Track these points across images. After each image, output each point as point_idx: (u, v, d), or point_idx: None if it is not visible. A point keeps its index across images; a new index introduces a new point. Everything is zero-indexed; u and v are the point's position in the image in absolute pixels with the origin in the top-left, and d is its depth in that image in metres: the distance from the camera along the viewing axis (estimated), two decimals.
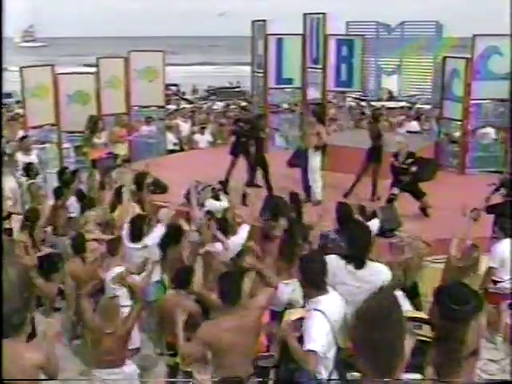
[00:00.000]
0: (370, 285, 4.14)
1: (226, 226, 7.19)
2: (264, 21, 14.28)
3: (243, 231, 7.03)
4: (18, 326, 3.15)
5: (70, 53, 77.73)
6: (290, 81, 14.31)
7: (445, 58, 12.56)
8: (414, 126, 17.05)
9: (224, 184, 9.25)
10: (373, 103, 16.97)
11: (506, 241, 6.42)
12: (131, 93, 13.77)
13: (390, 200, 9.19)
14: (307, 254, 5.28)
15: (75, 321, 6.66)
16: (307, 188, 10.27)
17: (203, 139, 15.62)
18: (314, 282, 4.21)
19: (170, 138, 15.24)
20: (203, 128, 15.82)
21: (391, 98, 19.16)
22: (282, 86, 14.38)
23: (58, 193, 8.39)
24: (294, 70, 14.18)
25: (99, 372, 5.14)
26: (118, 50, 24.41)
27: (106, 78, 13.41)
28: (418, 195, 9.46)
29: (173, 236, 6.76)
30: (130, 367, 5.28)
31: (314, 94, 13.51)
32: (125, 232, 6.78)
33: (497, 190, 7.81)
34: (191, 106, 21.80)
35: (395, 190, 9.33)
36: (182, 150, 15.73)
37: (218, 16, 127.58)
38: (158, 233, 6.77)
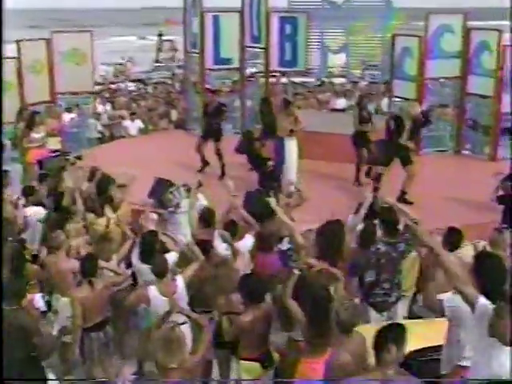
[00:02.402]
0: None
1: (234, 230, 6.58)
2: None
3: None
4: None
5: None
6: (228, 60, 13.45)
7: (394, 36, 12.21)
8: (341, 103, 16.83)
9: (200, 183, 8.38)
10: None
11: None
12: (56, 78, 12.42)
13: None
14: None
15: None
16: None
17: (133, 126, 14.46)
18: None
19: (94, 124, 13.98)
20: (133, 114, 14.63)
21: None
22: (220, 67, 13.54)
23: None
24: (232, 49, 13.34)
25: None
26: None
27: (27, 63, 11.97)
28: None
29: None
30: None
31: None
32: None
33: (506, 179, 7.58)
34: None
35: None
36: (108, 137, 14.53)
37: None
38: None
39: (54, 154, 9.58)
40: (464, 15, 11.85)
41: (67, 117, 13.13)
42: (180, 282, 5.51)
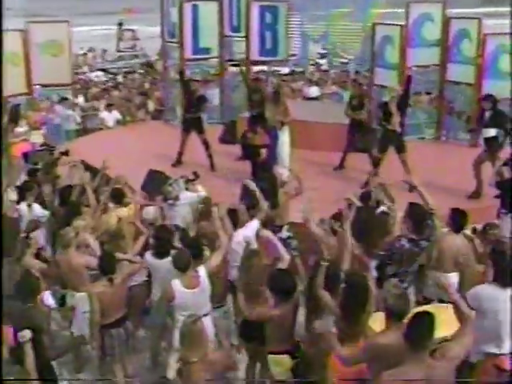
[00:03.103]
0: None
1: (234, 218, 6.57)
2: None
3: (253, 224, 6.44)
4: None
5: None
6: (207, 50, 13.36)
7: (374, 24, 12.30)
8: (314, 91, 16.90)
9: (197, 174, 8.33)
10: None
11: None
12: (33, 70, 12.14)
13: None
14: None
15: None
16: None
17: (111, 117, 14.22)
18: None
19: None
20: (110, 105, 14.38)
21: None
22: (200, 57, 13.42)
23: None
24: (211, 38, 13.24)
25: None
26: None
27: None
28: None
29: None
30: None
31: None
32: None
33: (505, 164, 7.75)
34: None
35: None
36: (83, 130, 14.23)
37: None
38: None
39: (40, 148, 9.35)
40: (443, 4, 12.02)
41: (60, 109, 12.85)
42: (203, 273, 5.47)
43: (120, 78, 19.43)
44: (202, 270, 5.49)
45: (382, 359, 3.88)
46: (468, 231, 6.55)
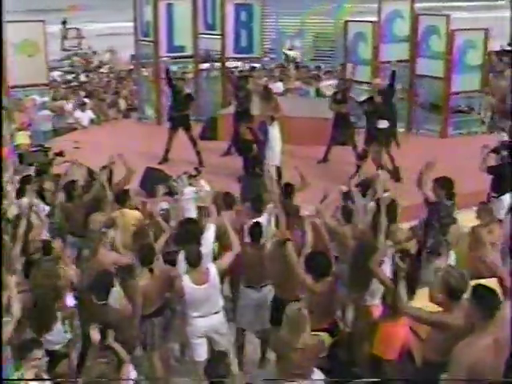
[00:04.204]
0: None
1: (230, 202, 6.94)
2: None
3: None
4: None
5: None
6: (182, 48, 13.51)
7: (346, 22, 12.76)
8: (279, 86, 17.27)
9: (198, 170, 8.54)
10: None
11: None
12: (8, 71, 11.97)
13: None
14: None
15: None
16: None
17: (85, 116, 14.17)
18: None
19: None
20: (83, 104, 14.33)
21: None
22: (174, 55, 13.55)
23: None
24: (185, 36, 13.40)
25: None
26: None
27: None
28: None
29: None
30: (318, 374, 4.68)
31: None
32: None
33: (493, 151, 8.29)
34: None
35: None
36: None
37: None
38: (210, 235, 6.12)
39: (34, 149, 9.32)
40: (411, 1, 12.58)
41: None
42: (213, 270, 5.57)
43: (82, 77, 19.30)
44: (212, 267, 5.59)
45: (448, 337, 4.25)
46: None
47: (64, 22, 34.46)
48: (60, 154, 9.09)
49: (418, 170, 6.63)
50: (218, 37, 13.33)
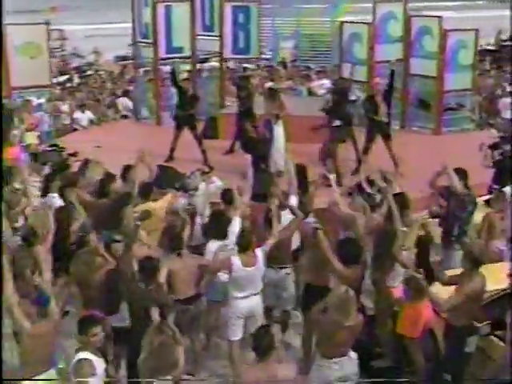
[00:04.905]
0: None
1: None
2: None
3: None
4: None
5: None
6: (180, 49, 13.77)
7: (342, 23, 13.14)
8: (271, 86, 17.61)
9: (211, 167, 8.89)
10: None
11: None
12: (11, 72, 12.17)
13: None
14: None
15: None
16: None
17: (84, 117, 14.38)
18: None
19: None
20: (83, 105, 14.54)
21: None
22: (173, 56, 13.81)
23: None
24: (184, 38, 13.67)
25: (327, 362, 4.93)
26: None
27: None
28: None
29: None
30: (353, 353, 5.09)
31: None
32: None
33: (492, 147, 8.73)
34: None
35: None
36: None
37: None
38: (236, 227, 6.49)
39: (49, 149, 9.52)
40: (404, 3, 13.01)
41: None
42: (260, 254, 6.05)
43: (76, 79, 19.44)
44: (259, 252, 6.07)
45: (474, 301, 4.70)
46: None
47: (47, 23, 34.49)
48: (74, 154, 9.30)
49: (415, 166, 7.07)
50: (216, 38, 13.62)
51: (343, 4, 13.25)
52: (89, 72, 20.76)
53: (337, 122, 10.18)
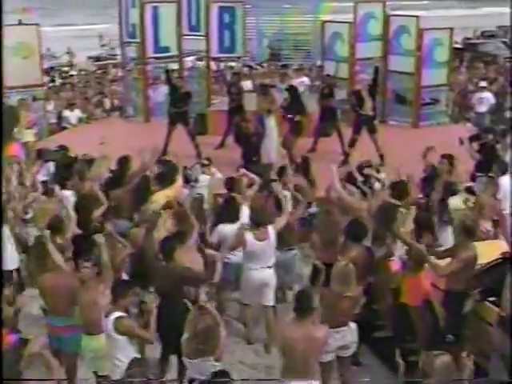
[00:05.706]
0: None
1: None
2: None
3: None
4: None
5: None
6: (167, 49, 14.18)
7: (324, 22, 13.72)
8: (248, 84, 18.10)
9: (209, 159, 9.33)
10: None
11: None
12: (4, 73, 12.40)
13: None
14: None
15: None
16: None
17: (74, 116, 14.68)
18: None
19: None
20: (72, 104, 14.84)
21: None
22: (160, 55, 14.22)
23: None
24: (170, 37, 14.08)
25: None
26: None
27: None
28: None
29: None
30: (353, 324, 5.59)
31: None
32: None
33: (472, 139, 9.38)
34: None
35: None
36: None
37: None
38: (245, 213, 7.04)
39: (55, 148, 9.83)
40: (383, 3, 13.65)
41: None
42: (271, 230, 6.59)
43: (58, 79, 19.69)
44: (270, 228, 6.61)
45: (469, 268, 5.40)
46: None
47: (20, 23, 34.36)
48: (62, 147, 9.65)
49: (396, 157, 7.65)
50: (202, 38, 14.06)
51: (325, 3, 13.78)
52: (72, 72, 21.01)
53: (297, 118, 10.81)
